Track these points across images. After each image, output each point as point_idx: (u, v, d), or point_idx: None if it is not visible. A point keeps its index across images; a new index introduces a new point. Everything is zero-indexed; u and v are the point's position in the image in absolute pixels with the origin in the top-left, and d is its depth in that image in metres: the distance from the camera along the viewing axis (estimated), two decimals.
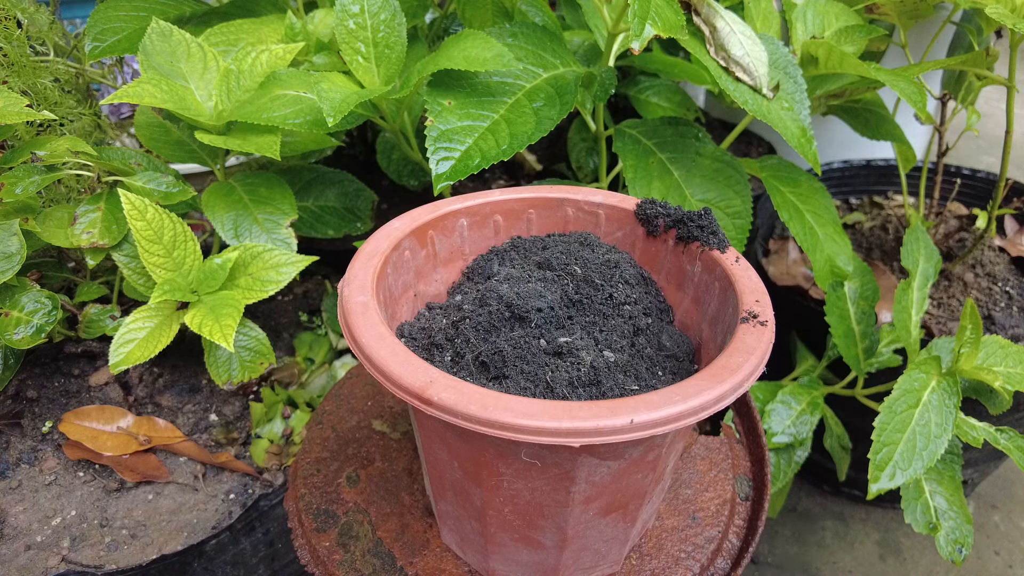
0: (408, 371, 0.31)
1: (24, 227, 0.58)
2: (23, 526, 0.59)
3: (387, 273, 0.40)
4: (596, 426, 0.28)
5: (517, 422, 0.28)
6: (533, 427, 0.28)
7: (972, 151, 1.58)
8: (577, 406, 0.29)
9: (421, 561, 0.43)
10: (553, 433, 0.28)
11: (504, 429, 0.29)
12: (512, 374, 0.35)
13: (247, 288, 0.60)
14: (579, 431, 0.28)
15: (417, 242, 0.44)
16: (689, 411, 0.30)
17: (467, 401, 0.29)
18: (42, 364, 0.69)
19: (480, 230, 0.47)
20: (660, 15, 0.53)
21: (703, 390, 0.30)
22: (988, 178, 1.03)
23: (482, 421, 0.29)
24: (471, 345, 0.36)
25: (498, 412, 0.29)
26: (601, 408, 0.29)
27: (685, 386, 0.31)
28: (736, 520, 0.47)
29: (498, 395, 0.30)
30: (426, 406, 0.30)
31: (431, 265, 0.45)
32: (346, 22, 0.61)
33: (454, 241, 0.46)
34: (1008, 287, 0.90)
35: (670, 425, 0.29)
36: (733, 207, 0.66)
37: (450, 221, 0.46)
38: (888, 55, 0.95)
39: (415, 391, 0.30)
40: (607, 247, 0.45)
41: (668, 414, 0.29)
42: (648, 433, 0.29)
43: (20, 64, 0.67)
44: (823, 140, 1.16)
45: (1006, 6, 0.65)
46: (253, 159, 0.78)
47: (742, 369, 0.32)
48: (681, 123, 0.72)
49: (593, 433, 0.28)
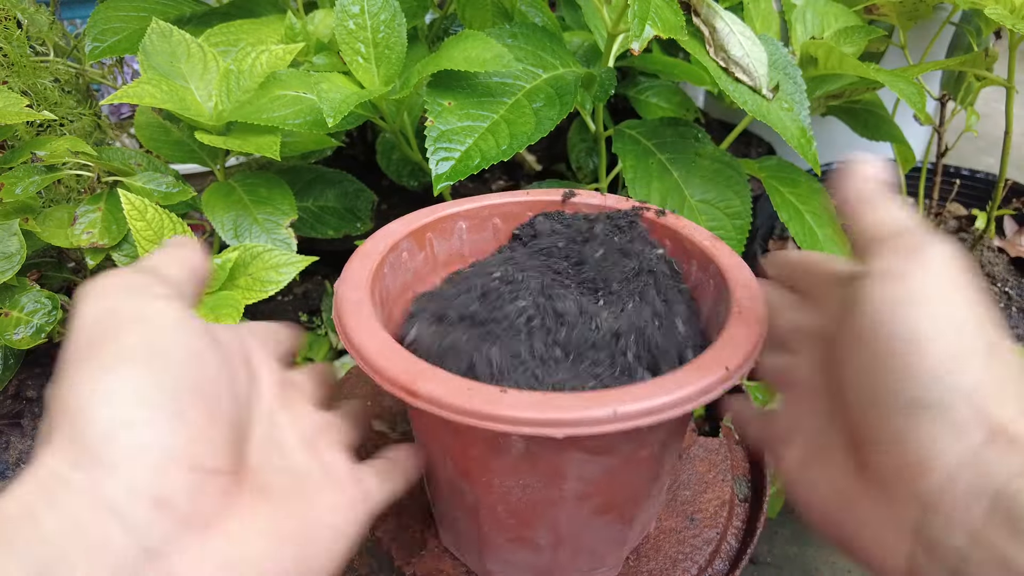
0: (396, 363, 0.32)
1: (24, 227, 0.58)
2: None
3: (384, 273, 0.41)
4: (578, 416, 0.28)
5: (500, 412, 0.29)
6: (515, 417, 0.29)
7: (971, 152, 1.58)
8: (561, 397, 0.29)
9: (419, 562, 0.44)
10: (535, 423, 0.29)
11: (487, 419, 0.29)
12: (502, 333, 0.36)
13: (247, 288, 0.60)
14: (561, 421, 0.28)
15: (415, 244, 0.44)
16: (673, 402, 0.30)
17: (452, 392, 0.30)
18: (42, 364, 0.69)
19: (479, 233, 0.47)
20: (660, 16, 0.53)
21: (688, 382, 0.30)
22: (987, 179, 1.03)
23: (466, 412, 0.29)
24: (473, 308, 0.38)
25: (481, 402, 0.29)
26: (584, 399, 0.29)
27: (670, 378, 0.31)
28: (735, 521, 0.47)
29: (482, 386, 0.30)
30: (412, 398, 0.30)
31: (429, 267, 0.46)
32: (346, 22, 0.61)
33: (453, 243, 0.46)
34: (1007, 287, 0.90)
35: (653, 417, 0.29)
36: (733, 207, 0.66)
37: (448, 224, 0.46)
38: (887, 56, 0.95)
39: (402, 383, 0.31)
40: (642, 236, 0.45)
41: (652, 405, 0.29)
42: (631, 424, 0.29)
43: (20, 64, 0.67)
44: (823, 140, 1.16)
45: (1005, 6, 0.65)
46: (253, 159, 0.78)
47: (729, 362, 0.32)
48: (681, 124, 0.72)
49: (574, 424, 0.28)
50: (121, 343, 0.23)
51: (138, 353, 0.23)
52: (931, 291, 0.26)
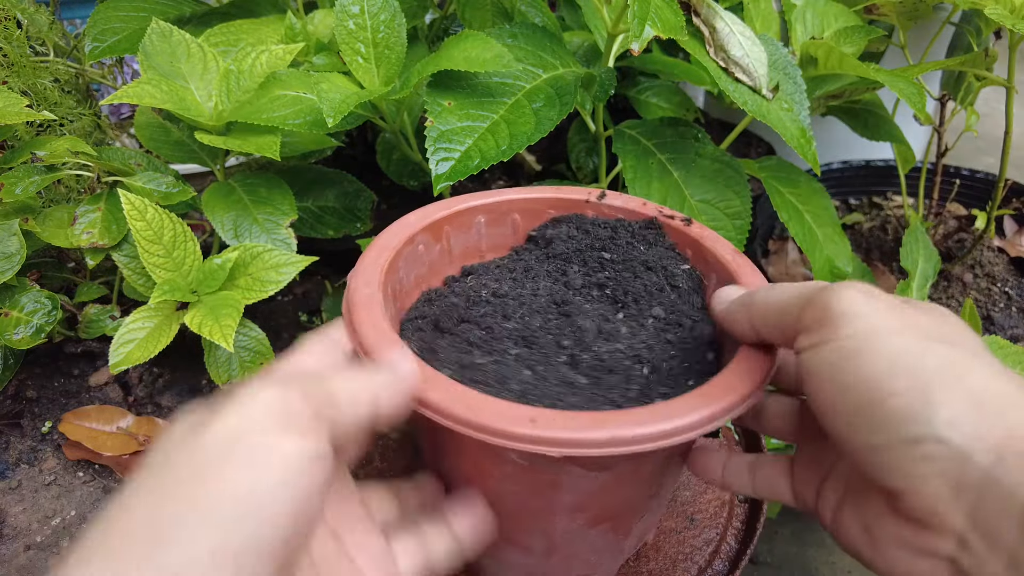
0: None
1: (24, 227, 0.59)
2: (23, 526, 0.59)
3: (398, 267, 0.40)
4: (575, 437, 0.28)
5: (497, 426, 0.28)
6: (512, 433, 0.28)
7: (971, 152, 1.58)
8: (562, 416, 0.29)
9: None
10: (532, 441, 0.28)
11: (485, 432, 0.29)
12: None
13: (247, 288, 0.60)
14: (558, 441, 0.28)
15: (432, 237, 0.44)
16: (676, 430, 0.29)
17: (454, 400, 0.29)
18: (42, 364, 0.69)
19: (498, 227, 0.47)
20: (660, 16, 0.53)
21: (694, 409, 0.30)
22: (987, 179, 1.03)
23: (468, 423, 0.29)
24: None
25: (484, 415, 0.29)
26: (585, 419, 0.29)
27: (675, 404, 0.30)
28: (734, 522, 0.47)
29: (484, 397, 0.30)
30: (420, 406, 0.30)
31: (446, 260, 0.45)
32: (346, 23, 0.61)
33: (471, 237, 0.46)
34: (1007, 288, 0.90)
35: (655, 443, 0.29)
36: (733, 207, 0.66)
37: (467, 217, 0.45)
38: (887, 56, 0.95)
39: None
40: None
41: (651, 432, 0.29)
42: (631, 449, 0.28)
43: (20, 64, 0.67)
44: (822, 141, 1.16)
45: (1005, 6, 0.65)
46: (253, 159, 0.78)
47: (736, 391, 0.31)
48: (681, 124, 0.72)
49: (572, 444, 0.28)
50: (221, 486, 0.23)
51: (228, 507, 0.22)
52: (864, 341, 0.25)
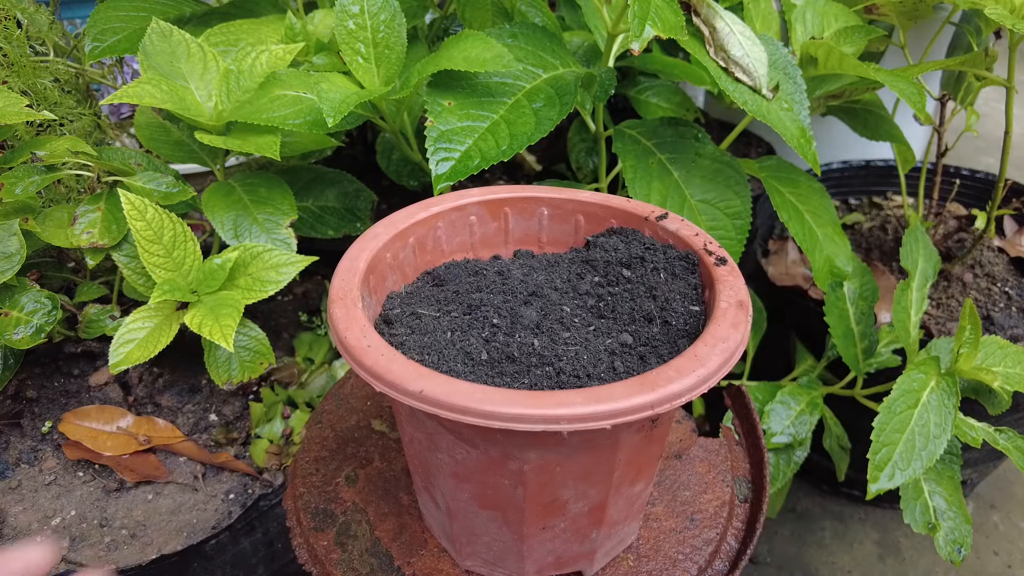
0: (359, 342, 0.34)
1: (24, 227, 0.59)
2: (23, 526, 0.59)
3: (385, 258, 0.42)
4: (519, 413, 0.30)
5: (447, 400, 0.31)
6: (405, 389, 0.31)
7: (971, 152, 1.58)
8: (448, 382, 0.31)
9: (418, 561, 0.44)
10: (416, 398, 0.31)
11: (431, 404, 0.31)
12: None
13: (247, 288, 0.60)
14: (500, 416, 0.30)
15: (488, 212, 0.48)
16: (615, 411, 0.30)
17: (406, 375, 0.32)
18: (42, 364, 0.69)
19: (561, 223, 0.49)
20: (660, 16, 0.53)
21: (634, 393, 0.31)
22: (987, 178, 1.03)
23: (414, 396, 0.31)
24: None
25: (432, 389, 0.31)
26: (532, 397, 0.30)
27: (618, 386, 0.31)
28: (735, 522, 0.47)
29: (432, 373, 0.32)
30: (367, 374, 0.32)
31: (501, 239, 0.48)
32: (346, 22, 0.61)
33: (531, 225, 0.49)
34: (1007, 287, 0.90)
35: (591, 423, 0.30)
36: (733, 207, 0.66)
37: (530, 206, 0.48)
38: (887, 55, 0.95)
39: (356, 355, 0.33)
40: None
41: (590, 411, 0.30)
42: (570, 427, 0.30)
43: (20, 64, 0.67)
44: (822, 140, 1.16)
45: (1005, 6, 0.65)
46: (253, 159, 0.78)
47: (682, 380, 0.32)
48: (681, 124, 0.72)
49: (514, 420, 0.30)
50: None
51: None
52: None
